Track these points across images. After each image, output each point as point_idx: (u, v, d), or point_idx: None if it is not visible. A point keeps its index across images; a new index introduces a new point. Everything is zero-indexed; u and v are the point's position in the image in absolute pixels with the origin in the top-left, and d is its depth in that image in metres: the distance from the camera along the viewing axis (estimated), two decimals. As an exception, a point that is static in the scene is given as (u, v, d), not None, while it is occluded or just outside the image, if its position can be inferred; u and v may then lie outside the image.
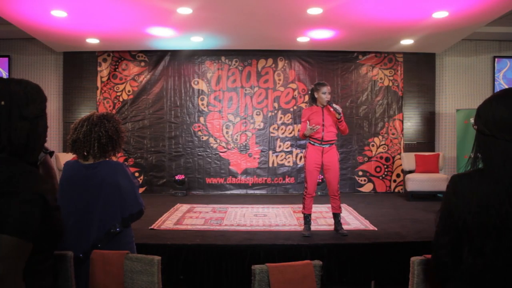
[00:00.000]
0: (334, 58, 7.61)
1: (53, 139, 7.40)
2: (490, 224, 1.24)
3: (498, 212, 1.23)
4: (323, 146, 4.24)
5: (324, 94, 4.22)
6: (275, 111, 7.61)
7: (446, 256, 1.35)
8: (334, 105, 4.16)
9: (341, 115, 4.20)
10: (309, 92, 4.49)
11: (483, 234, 1.26)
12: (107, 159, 2.26)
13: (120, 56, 7.55)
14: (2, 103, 1.18)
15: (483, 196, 1.27)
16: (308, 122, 4.26)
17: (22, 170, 1.14)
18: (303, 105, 7.53)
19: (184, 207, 5.98)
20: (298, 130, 7.55)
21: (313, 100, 4.37)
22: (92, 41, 6.80)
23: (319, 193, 6.69)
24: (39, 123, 1.26)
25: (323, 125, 4.23)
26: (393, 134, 7.65)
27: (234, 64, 7.63)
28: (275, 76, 7.63)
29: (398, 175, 7.60)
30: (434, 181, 6.65)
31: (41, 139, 1.29)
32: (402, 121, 7.66)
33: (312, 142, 4.30)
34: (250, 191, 7.52)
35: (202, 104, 7.61)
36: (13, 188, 1.07)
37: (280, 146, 7.60)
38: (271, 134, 7.60)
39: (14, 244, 1.02)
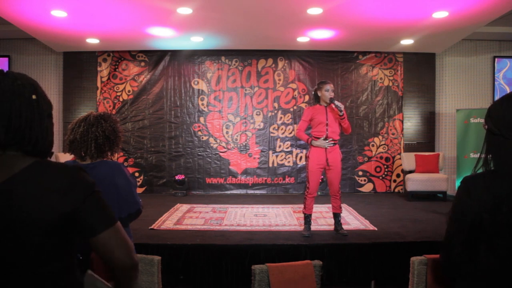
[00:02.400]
0: (334, 58, 7.60)
1: (53, 139, 7.39)
2: (503, 222, 1.26)
3: (511, 210, 1.25)
4: (330, 142, 4.23)
5: (327, 91, 4.20)
6: (275, 111, 7.61)
7: (459, 255, 1.36)
8: (336, 102, 4.13)
9: (343, 112, 4.17)
10: (313, 92, 4.48)
11: (497, 233, 1.28)
12: (105, 159, 2.25)
13: (120, 56, 7.55)
14: (34, 97, 1.10)
15: (496, 195, 1.29)
16: (323, 137, 4.22)
17: (73, 173, 1.11)
18: (303, 105, 7.53)
19: (184, 207, 5.98)
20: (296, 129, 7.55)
21: (316, 99, 4.36)
22: (92, 41, 6.80)
23: (319, 193, 6.68)
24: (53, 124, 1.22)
25: (326, 124, 4.22)
26: (393, 134, 7.65)
27: (234, 64, 7.63)
28: (275, 76, 7.63)
29: (398, 175, 7.60)
30: (434, 181, 6.65)
31: (53, 141, 1.23)
32: (402, 121, 7.66)
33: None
34: (250, 191, 7.52)
35: (202, 104, 7.61)
36: (84, 193, 1.10)
37: (280, 146, 7.60)
38: (271, 134, 7.59)
39: (113, 234, 1.13)
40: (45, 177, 1.07)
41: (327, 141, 4.18)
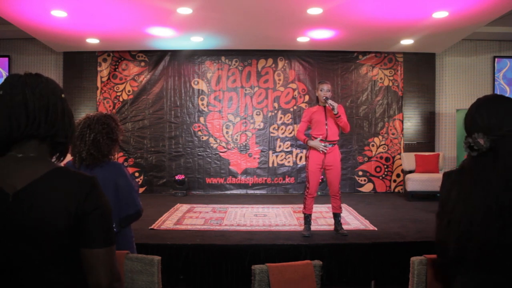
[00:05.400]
0: (334, 58, 7.60)
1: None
2: (463, 220, 1.34)
3: (472, 204, 1.33)
4: (326, 146, 4.23)
5: (322, 91, 4.22)
6: (275, 111, 7.61)
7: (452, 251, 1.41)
8: (330, 101, 4.15)
9: (338, 111, 4.15)
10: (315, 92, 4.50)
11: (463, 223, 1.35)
12: (107, 159, 2.26)
13: (120, 56, 7.55)
14: (63, 96, 1.19)
15: (464, 190, 1.37)
16: (319, 137, 4.22)
17: (91, 182, 1.15)
18: (303, 105, 7.53)
19: (184, 207, 5.98)
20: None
21: (316, 99, 4.38)
22: (92, 41, 6.80)
23: (319, 193, 6.68)
24: None
25: (326, 124, 4.23)
26: (393, 134, 7.65)
27: (234, 64, 7.63)
28: (275, 76, 7.63)
29: (398, 175, 7.60)
30: (434, 181, 6.64)
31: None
32: (402, 121, 7.66)
33: None
34: (250, 191, 7.51)
35: (202, 104, 7.61)
36: (97, 204, 1.13)
37: (280, 146, 7.60)
38: (271, 134, 7.59)
39: (106, 254, 1.13)
40: (65, 183, 1.12)
41: (323, 144, 4.18)
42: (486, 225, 1.28)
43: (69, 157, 2.37)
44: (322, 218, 5.11)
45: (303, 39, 6.78)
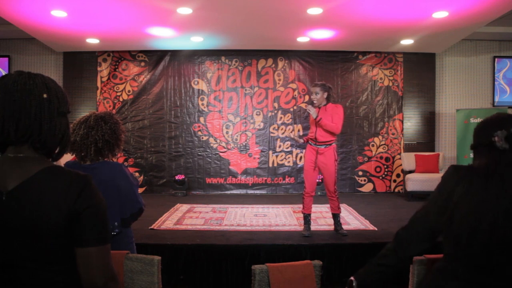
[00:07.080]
0: (334, 58, 7.60)
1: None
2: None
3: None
4: (318, 146, 4.27)
5: (311, 94, 4.34)
6: (275, 111, 7.61)
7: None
8: (309, 107, 4.26)
9: (317, 115, 4.18)
10: None
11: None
12: (106, 159, 2.25)
13: (120, 56, 7.55)
14: (45, 96, 1.13)
15: (474, 188, 1.41)
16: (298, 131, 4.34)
17: (85, 180, 1.13)
18: (303, 105, 7.54)
19: (184, 207, 5.98)
20: (295, 129, 7.57)
21: None
22: (92, 41, 6.80)
23: (319, 193, 6.69)
24: (68, 122, 1.25)
25: (316, 125, 4.27)
26: (393, 134, 7.65)
27: (234, 64, 7.63)
28: (275, 76, 7.63)
29: (398, 175, 7.60)
30: (434, 181, 6.63)
31: (70, 139, 1.26)
32: (402, 121, 7.66)
33: (309, 142, 4.37)
34: (250, 191, 7.51)
35: (202, 104, 7.61)
36: (89, 203, 1.11)
37: (280, 146, 7.60)
38: (271, 134, 7.59)
39: (100, 253, 1.12)
40: (58, 182, 1.11)
41: (314, 109, 4.22)
42: (496, 223, 1.25)
43: (69, 157, 2.37)
44: (322, 218, 5.11)
45: (303, 39, 6.78)
